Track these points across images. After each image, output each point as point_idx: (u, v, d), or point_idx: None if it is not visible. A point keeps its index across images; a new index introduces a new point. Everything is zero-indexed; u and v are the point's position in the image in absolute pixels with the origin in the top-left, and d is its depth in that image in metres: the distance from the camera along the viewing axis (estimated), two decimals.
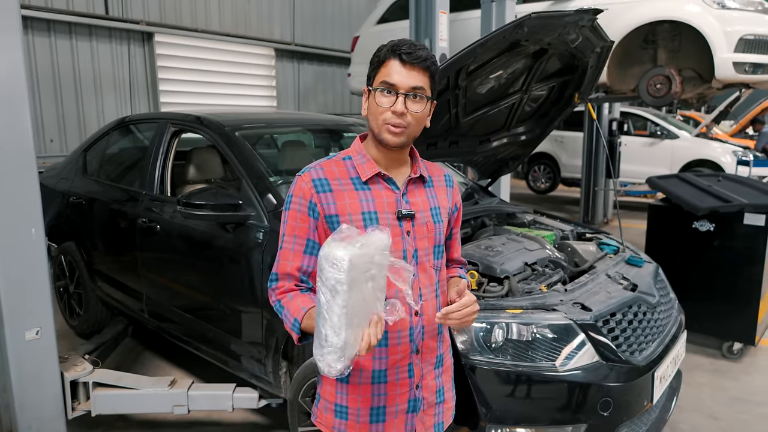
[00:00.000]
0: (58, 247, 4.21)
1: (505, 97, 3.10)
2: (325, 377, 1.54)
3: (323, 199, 1.44)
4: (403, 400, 1.51)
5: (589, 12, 2.60)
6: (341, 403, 1.50)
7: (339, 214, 1.43)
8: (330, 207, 1.44)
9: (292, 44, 10.13)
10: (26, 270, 2.47)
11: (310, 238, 1.46)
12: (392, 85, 1.39)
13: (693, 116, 12.18)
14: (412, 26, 4.93)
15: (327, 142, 4.16)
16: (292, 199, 1.47)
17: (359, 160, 1.49)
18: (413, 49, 1.39)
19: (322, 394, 1.55)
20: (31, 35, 6.73)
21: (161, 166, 3.41)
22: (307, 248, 1.47)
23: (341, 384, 1.50)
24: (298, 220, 1.46)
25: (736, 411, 3.28)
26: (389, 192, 1.48)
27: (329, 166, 1.49)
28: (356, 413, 1.49)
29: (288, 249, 1.47)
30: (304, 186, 1.45)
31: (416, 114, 1.41)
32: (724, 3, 5.12)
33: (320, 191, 1.44)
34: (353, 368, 1.46)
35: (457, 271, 1.71)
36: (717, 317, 3.94)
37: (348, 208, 1.44)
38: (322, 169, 1.48)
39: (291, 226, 1.47)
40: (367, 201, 1.45)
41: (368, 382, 1.48)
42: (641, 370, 2.22)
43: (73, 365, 2.86)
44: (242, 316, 2.77)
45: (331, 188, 1.45)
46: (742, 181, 4.34)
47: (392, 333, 1.47)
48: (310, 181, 1.45)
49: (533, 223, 3.37)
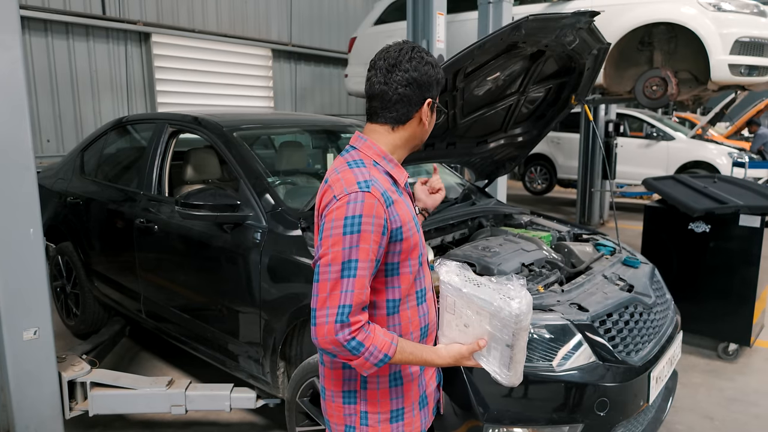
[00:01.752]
0: (56, 248, 4.21)
1: (503, 99, 3.11)
2: (371, 393, 1.48)
3: (391, 213, 1.37)
4: (431, 384, 1.61)
5: (586, 14, 2.61)
6: (397, 408, 1.50)
7: (402, 225, 1.40)
8: (396, 220, 1.38)
9: (289, 45, 10.14)
10: (24, 270, 2.47)
11: (378, 258, 1.37)
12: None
13: (689, 118, 12.22)
14: (410, 28, 4.95)
15: (324, 142, 4.16)
16: (364, 219, 1.31)
17: (388, 165, 1.46)
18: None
19: (371, 410, 1.48)
20: (28, 35, 6.73)
21: (159, 166, 3.41)
22: (371, 271, 1.37)
23: (395, 389, 1.49)
24: (372, 243, 1.32)
25: (731, 411, 3.30)
26: (407, 194, 1.55)
27: (377, 174, 1.41)
28: (411, 409, 1.52)
29: (363, 276, 1.31)
30: (377, 204, 1.33)
31: None
32: (719, 5, 5.15)
33: (389, 205, 1.37)
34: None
35: None
36: (712, 318, 3.96)
37: (406, 217, 1.42)
38: (377, 180, 1.38)
39: (365, 251, 1.31)
40: (407, 205, 1.48)
41: (417, 376, 1.54)
42: (637, 370, 2.23)
43: (70, 365, 2.86)
44: (240, 316, 2.77)
45: (392, 199, 1.39)
46: (738, 183, 4.35)
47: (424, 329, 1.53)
48: (381, 196, 1.34)
49: (530, 224, 3.38)
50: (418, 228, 1.49)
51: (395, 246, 1.39)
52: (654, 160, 9.54)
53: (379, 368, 1.35)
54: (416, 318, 1.49)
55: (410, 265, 1.45)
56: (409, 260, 1.44)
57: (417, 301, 1.49)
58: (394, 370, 1.48)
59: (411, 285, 1.46)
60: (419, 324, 1.50)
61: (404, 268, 1.44)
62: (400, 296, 1.45)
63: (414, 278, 1.47)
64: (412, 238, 1.43)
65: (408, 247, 1.42)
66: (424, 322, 1.52)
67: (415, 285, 1.48)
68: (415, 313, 1.49)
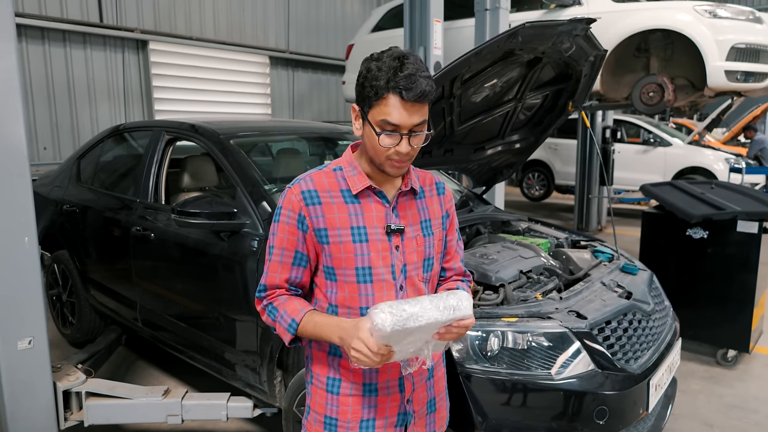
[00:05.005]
0: (51, 256, 4.18)
1: (500, 106, 3.11)
2: (314, 389, 1.53)
3: (312, 212, 1.42)
4: (393, 413, 1.50)
5: (582, 21, 2.61)
6: (331, 415, 1.49)
7: (328, 228, 1.42)
8: (319, 220, 1.42)
9: (286, 52, 10.15)
10: (19, 279, 2.45)
11: (299, 250, 1.46)
12: (395, 125, 1.32)
13: (685, 124, 12.25)
14: (407, 35, 4.95)
15: (321, 150, 4.15)
16: (281, 211, 1.45)
17: (350, 172, 1.47)
18: (413, 84, 1.28)
19: (312, 406, 1.54)
20: (25, 43, 6.73)
21: (155, 174, 3.39)
22: (296, 260, 1.47)
23: (332, 396, 1.49)
24: (286, 233, 1.45)
25: (730, 418, 3.28)
26: (379, 206, 1.46)
27: (319, 177, 1.46)
28: (345, 426, 1.48)
29: (276, 261, 1.47)
30: (294, 198, 1.43)
31: (418, 147, 1.39)
32: (715, 12, 5.17)
33: (309, 204, 1.42)
34: (343, 380, 1.47)
35: (454, 283, 1.66)
36: (711, 324, 3.95)
37: (337, 222, 1.42)
38: (312, 180, 1.45)
39: (280, 239, 1.46)
40: (356, 215, 1.43)
41: (359, 393, 1.47)
42: (636, 378, 2.22)
43: (65, 375, 2.83)
44: (237, 324, 2.75)
45: (321, 201, 1.43)
46: (735, 189, 4.35)
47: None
48: (299, 193, 1.43)
49: (528, 231, 3.38)
50: (361, 240, 1.42)
51: (323, 248, 1.45)
52: (651, 166, 9.57)
53: (292, 334, 1.43)
54: None
55: (346, 274, 1.43)
56: (344, 269, 1.43)
57: (362, 315, 1.42)
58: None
59: (353, 298, 1.44)
60: None
61: (340, 276, 1.44)
62: (337, 304, 1.46)
63: (358, 293, 1.44)
64: (342, 246, 1.42)
65: (338, 254, 1.42)
66: None
67: (359, 300, 1.44)
68: None
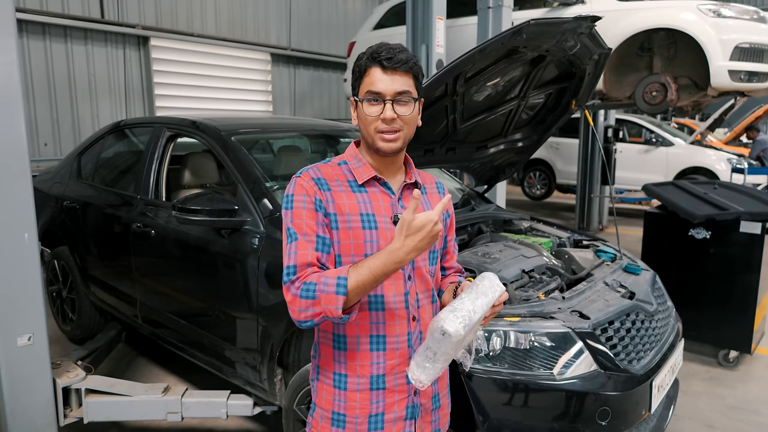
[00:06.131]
0: (51, 252, 4.18)
1: (503, 104, 3.09)
2: (320, 385, 1.52)
3: (324, 197, 1.42)
4: (401, 407, 1.49)
5: (587, 19, 2.60)
6: (339, 411, 1.48)
7: (338, 213, 1.42)
8: (329, 205, 1.43)
9: (288, 49, 10.13)
10: (19, 275, 2.43)
11: (320, 235, 1.40)
12: (378, 93, 1.38)
13: (688, 124, 12.22)
14: (409, 32, 4.94)
15: (323, 147, 4.14)
16: (295, 197, 1.42)
17: (355, 164, 1.49)
18: (393, 54, 1.38)
19: (318, 403, 1.53)
20: (26, 38, 6.72)
21: (156, 170, 3.38)
22: (318, 245, 1.39)
23: (339, 391, 1.48)
24: (304, 218, 1.40)
25: (732, 419, 3.27)
26: (385, 196, 1.48)
27: (326, 168, 1.49)
28: (354, 421, 1.47)
29: (303, 241, 1.38)
30: (306, 184, 1.43)
31: (406, 117, 1.41)
32: (719, 11, 5.15)
33: (321, 189, 1.43)
34: (350, 375, 1.45)
35: (456, 278, 1.69)
36: (713, 325, 3.94)
37: (346, 208, 1.43)
38: (320, 170, 1.47)
39: (298, 225, 1.39)
40: (364, 203, 1.45)
41: (366, 388, 1.47)
42: (639, 378, 2.20)
43: (65, 371, 2.82)
44: (237, 322, 2.74)
45: (330, 188, 1.44)
46: (738, 189, 4.34)
47: (390, 338, 1.46)
48: (310, 179, 1.44)
49: (530, 230, 3.36)
50: (371, 228, 1.43)
51: (332, 233, 1.43)
52: (653, 166, 9.55)
53: (345, 299, 1.27)
54: (366, 324, 1.44)
55: (354, 262, 1.37)
56: (353, 257, 1.42)
57: (369, 306, 1.44)
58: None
59: None
60: (368, 330, 1.45)
61: (348, 264, 1.39)
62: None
63: None
64: (352, 232, 1.42)
65: (347, 239, 1.42)
66: (375, 330, 1.45)
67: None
68: (365, 316, 1.44)
